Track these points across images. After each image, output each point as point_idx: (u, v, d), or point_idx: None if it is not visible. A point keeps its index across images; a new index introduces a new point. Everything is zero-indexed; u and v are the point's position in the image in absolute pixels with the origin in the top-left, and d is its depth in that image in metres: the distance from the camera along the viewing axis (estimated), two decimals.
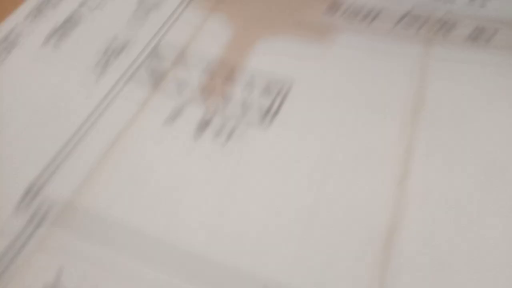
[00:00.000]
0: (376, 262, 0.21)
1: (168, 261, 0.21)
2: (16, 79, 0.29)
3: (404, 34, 0.30)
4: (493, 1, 0.32)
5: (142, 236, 0.22)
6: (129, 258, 0.21)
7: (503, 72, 0.27)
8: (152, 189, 0.24)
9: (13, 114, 0.28)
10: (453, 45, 0.29)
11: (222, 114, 0.27)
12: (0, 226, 0.23)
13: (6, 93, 0.29)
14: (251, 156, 0.25)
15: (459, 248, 0.21)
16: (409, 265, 0.21)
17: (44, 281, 0.21)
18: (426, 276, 0.20)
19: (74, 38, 0.31)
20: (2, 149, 0.26)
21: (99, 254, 0.21)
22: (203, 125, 0.26)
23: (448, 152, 0.24)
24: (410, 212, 0.22)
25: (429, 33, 0.30)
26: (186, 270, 0.21)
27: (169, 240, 0.22)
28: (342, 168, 0.24)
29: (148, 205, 0.23)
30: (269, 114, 0.27)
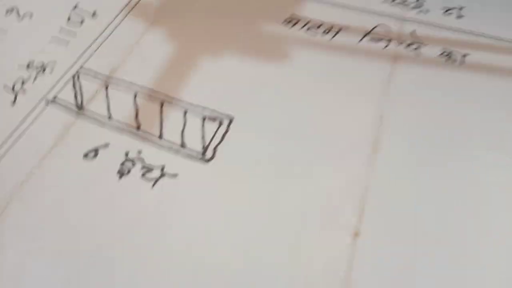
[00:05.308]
0: None
1: None
2: None
3: (371, 49, 0.27)
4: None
5: None
6: None
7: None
8: (64, 230, 0.20)
9: None
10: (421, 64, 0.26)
11: (155, 145, 0.23)
12: None
13: None
14: (187, 193, 0.21)
15: None
16: None
17: None
18: None
19: None
20: None
21: None
22: (133, 158, 0.23)
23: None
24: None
25: (396, 49, 0.27)
26: None
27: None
28: (285, 214, 0.21)
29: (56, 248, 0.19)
30: (209, 146, 0.23)
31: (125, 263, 0.19)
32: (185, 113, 0.24)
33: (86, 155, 0.23)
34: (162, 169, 0.22)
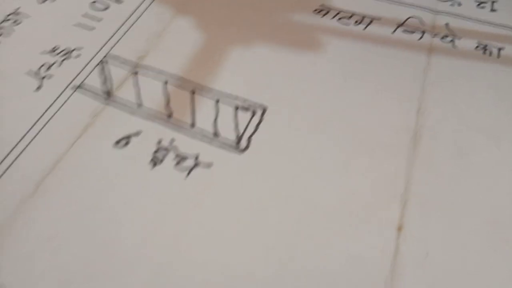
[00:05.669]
0: None
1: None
2: None
3: (405, 41, 0.26)
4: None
5: None
6: None
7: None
8: (101, 216, 0.19)
9: None
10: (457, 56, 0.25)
11: (188, 134, 0.22)
12: None
13: None
14: (220, 185, 0.21)
15: None
16: None
17: None
18: None
19: (15, 35, 0.26)
20: None
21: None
22: (165, 147, 0.22)
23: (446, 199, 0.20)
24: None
25: (431, 41, 0.26)
26: None
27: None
28: (321, 207, 0.20)
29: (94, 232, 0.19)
30: (243, 136, 0.22)
31: (157, 252, 0.19)
32: (217, 102, 0.23)
33: (117, 143, 0.22)
34: (196, 158, 0.21)
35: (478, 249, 0.18)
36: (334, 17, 0.28)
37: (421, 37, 0.27)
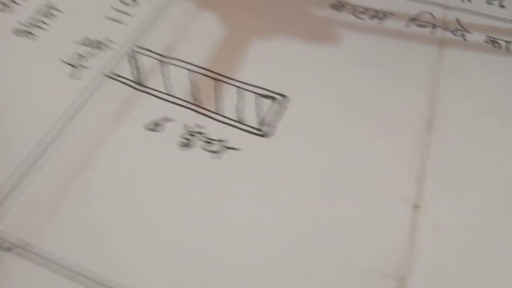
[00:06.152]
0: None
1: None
2: None
3: (418, 34, 0.28)
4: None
5: None
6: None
7: None
8: (133, 198, 0.21)
9: None
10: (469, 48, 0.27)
11: (214, 120, 0.24)
12: None
13: None
14: (247, 168, 0.22)
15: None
16: None
17: None
18: None
19: (52, 27, 0.28)
20: None
21: None
22: (193, 131, 0.23)
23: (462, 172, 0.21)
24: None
25: (443, 34, 0.28)
26: None
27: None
28: (344, 186, 0.21)
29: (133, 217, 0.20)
30: (266, 121, 0.24)
31: (188, 227, 0.20)
32: (239, 91, 0.25)
33: (149, 126, 0.23)
34: (222, 142, 0.23)
35: (492, 223, 0.20)
36: (349, 12, 0.29)
37: (433, 31, 0.28)
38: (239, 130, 0.23)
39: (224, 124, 0.24)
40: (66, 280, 0.18)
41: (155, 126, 0.23)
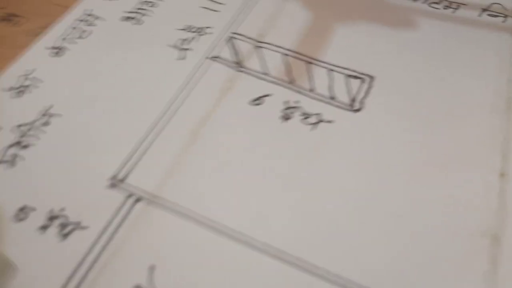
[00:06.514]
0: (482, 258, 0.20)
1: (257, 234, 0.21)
2: (96, 55, 0.29)
3: (490, 23, 0.30)
4: None
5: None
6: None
7: None
8: (238, 169, 0.24)
9: (103, 93, 0.27)
10: None
11: (309, 97, 0.26)
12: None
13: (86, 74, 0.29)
14: (341, 137, 0.25)
15: None
16: None
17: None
18: None
19: (155, 15, 0.31)
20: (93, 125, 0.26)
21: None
22: (290, 107, 0.26)
23: None
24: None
25: None
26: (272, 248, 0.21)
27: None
28: (435, 157, 0.24)
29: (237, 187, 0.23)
30: (356, 99, 0.26)
31: (285, 189, 0.23)
32: (329, 71, 0.27)
33: (252, 102, 0.26)
34: (319, 115, 0.26)
35: None
36: (424, 2, 0.32)
37: (504, 21, 0.30)
38: (332, 106, 0.26)
39: (318, 100, 0.26)
40: (194, 226, 0.22)
41: (258, 101, 0.26)
